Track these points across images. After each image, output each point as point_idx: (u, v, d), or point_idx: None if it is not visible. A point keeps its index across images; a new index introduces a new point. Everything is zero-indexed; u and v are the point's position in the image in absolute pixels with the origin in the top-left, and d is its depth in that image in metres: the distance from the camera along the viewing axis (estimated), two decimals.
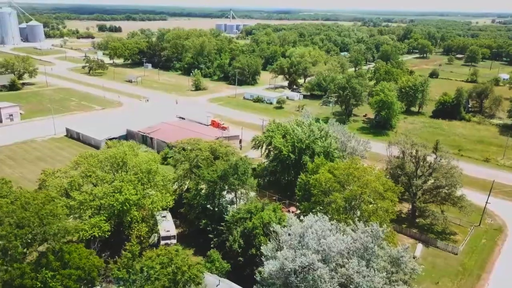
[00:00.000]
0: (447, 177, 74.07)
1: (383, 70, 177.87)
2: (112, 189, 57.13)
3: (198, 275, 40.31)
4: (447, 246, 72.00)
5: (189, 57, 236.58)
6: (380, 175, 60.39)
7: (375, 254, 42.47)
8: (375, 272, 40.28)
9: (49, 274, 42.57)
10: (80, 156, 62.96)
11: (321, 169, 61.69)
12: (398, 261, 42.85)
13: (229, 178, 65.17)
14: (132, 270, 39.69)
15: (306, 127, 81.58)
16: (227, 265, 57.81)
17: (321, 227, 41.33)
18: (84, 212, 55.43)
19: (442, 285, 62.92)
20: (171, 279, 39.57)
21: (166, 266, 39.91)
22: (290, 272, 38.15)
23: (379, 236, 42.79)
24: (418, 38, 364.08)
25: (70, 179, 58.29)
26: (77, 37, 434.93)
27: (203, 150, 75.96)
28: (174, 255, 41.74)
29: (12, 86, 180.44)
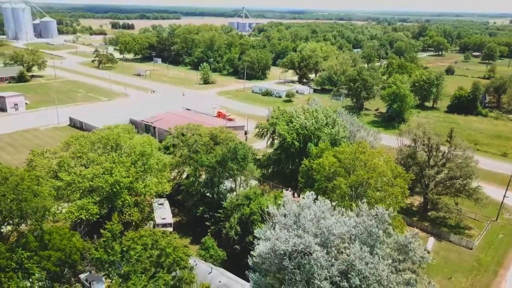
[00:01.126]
0: (461, 167, 69.26)
1: (396, 64, 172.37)
2: (103, 170, 53.99)
3: (183, 258, 36.73)
4: (461, 240, 67.25)
5: (199, 52, 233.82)
6: (389, 159, 56.02)
7: (380, 239, 38.21)
8: (380, 259, 36.13)
9: (25, 254, 39.42)
10: (71, 136, 60.02)
11: (325, 153, 57.58)
12: (406, 248, 38.50)
13: (227, 163, 61.57)
14: (111, 251, 36.29)
15: (310, 113, 77.40)
16: (223, 253, 54.21)
17: (320, 208, 37.32)
18: (72, 193, 52.37)
19: (456, 281, 58.33)
20: (153, 261, 36.07)
21: (149, 248, 36.43)
22: (283, 255, 34.21)
23: (385, 220, 38.52)
24: (434, 36, 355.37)
25: (59, 159, 55.28)
26: (90, 33, 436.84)
27: (203, 135, 72.53)
28: (159, 237, 38.24)
29: (20, 78, 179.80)
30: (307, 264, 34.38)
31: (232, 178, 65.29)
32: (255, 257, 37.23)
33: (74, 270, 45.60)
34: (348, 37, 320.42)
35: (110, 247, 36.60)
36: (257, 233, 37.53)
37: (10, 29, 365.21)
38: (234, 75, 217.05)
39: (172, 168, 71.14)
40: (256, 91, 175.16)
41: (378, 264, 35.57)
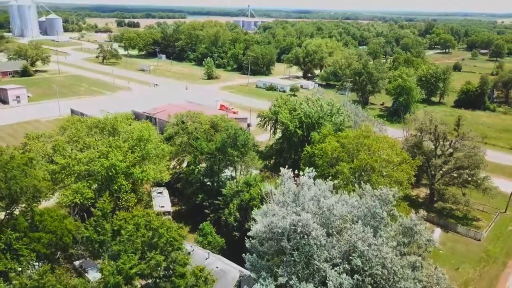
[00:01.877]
0: (469, 155, 67.05)
1: (402, 59, 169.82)
2: (98, 154, 52.49)
3: (177, 238, 35.01)
4: (469, 231, 65.11)
5: (203, 48, 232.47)
6: (394, 144, 54.00)
7: (384, 221, 36.33)
8: (384, 241, 34.23)
9: (14, 235, 37.95)
10: (67, 120, 58.64)
11: (328, 138, 55.67)
12: (411, 231, 36.55)
13: (227, 149, 59.82)
14: (101, 230, 34.69)
15: (314, 102, 75.48)
16: (221, 240, 52.57)
17: (320, 187, 35.52)
18: (66, 177, 50.88)
19: (463, 272, 56.25)
20: (146, 242, 34.39)
21: (141, 228, 34.76)
22: (281, 235, 32.41)
23: (389, 200, 36.65)
24: (441, 33, 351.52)
25: (54, 143, 53.84)
26: (95, 31, 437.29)
27: (203, 123, 70.89)
28: (152, 218, 36.58)
29: (24, 72, 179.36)
30: (306, 245, 32.59)
31: (232, 165, 63.55)
32: (252, 238, 35.57)
33: (67, 254, 44.17)
34: (353, 34, 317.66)
35: (100, 226, 35.01)
36: (254, 214, 35.83)
37: (16, 26, 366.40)
38: (238, 70, 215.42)
39: (172, 157, 69.64)
40: (260, 85, 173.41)
41: (382, 246, 33.70)
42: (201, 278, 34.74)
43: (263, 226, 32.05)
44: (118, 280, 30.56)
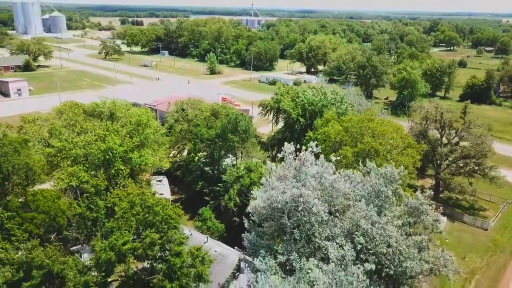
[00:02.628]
0: (476, 143, 65.32)
1: (407, 54, 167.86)
2: (95, 137, 51.23)
3: (173, 216, 33.68)
4: (476, 221, 63.46)
5: (206, 44, 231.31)
6: (398, 127, 52.45)
7: (389, 200, 34.89)
8: (388, 220, 32.77)
9: (6, 214, 36.66)
10: (64, 104, 57.44)
11: (331, 123, 54.17)
12: (417, 211, 35.09)
13: (228, 135, 58.42)
14: (94, 207, 33.38)
15: (318, 90, 73.97)
16: (221, 225, 51.21)
17: (323, 163, 34.07)
18: (62, 160, 49.63)
19: (470, 261, 54.60)
20: (140, 220, 33.05)
21: (136, 206, 33.42)
22: (281, 211, 30.98)
23: (395, 178, 35.20)
24: (445, 31, 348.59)
25: (50, 126, 52.63)
26: (99, 29, 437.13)
27: (203, 111, 69.60)
28: (148, 196, 35.26)
29: (26, 67, 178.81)
30: (307, 223, 31.15)
31: (233, 152, 62.15)
32: (251, 216, 34.18)
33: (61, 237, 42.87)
34: (357, 31, 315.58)
35: (93, 203, 33.70)
36: (254, 193, 34.43)
37: (20, 24, 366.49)
38: (241, 66, 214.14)
39: (172, 145, 68.36)
40: (263, 80, 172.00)
41: (386, 225, 32.23)
42: (198, 257, 33.37)
43: (262, 201, 30.65)
44: (110, 256, 29.25)
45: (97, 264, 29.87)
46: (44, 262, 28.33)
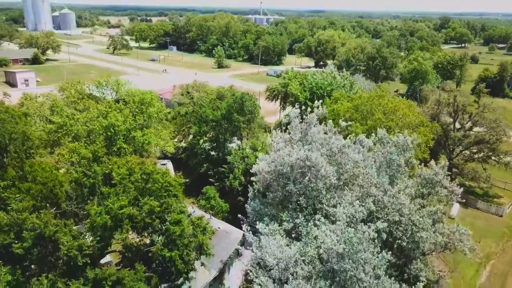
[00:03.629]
0: (491, 127, 62.99)
1: (417, 47, 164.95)
2: (97, 113, 49.96)
3: (173, 184, 32.09)
4: (490, 207, 61.15)
5: (214, 39, 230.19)
6: (411, 104, 50.41)
7: (402, 170, 32.98)
8: (401, 188, 30.85)
9: (2, 183, 35.33)
10: (67, 82, 56.31)
11: (340, 100, 52.30)
12: (432, 182, 33.10)
13: (233, 115, 56.80)
14: (91, 174, 31.91)
15: (327, 74, 72.06)
16: (225, 205, 49.60)
17: (331, 129, 32.27)
18: (63, 136, 48.40)
19: (485, 246, 52.35)
20: (139, 187, 31.48)
21: (134, 172, 31.89)
22: (287, 178, 29.20)
23: (408, 147, 33.27)
24: (456, 28, 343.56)
25: (52, 103, 51.48)
26: (108, 27, 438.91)
27: (209, 93, 68.12)
28: (148, 165, 33.71)
29: (35, 60, 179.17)
30: (313, 190, 29.35)
31: (239, 133, 60.48)
32: (255, 184, 32.52)
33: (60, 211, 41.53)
34: (367, 28, 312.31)
35: (91, 170, 32.23)
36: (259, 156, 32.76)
37: (30, 21, 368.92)
38: (249, 61, 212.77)
39: (177, 128, 66.96)
40: (271, 74, 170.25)
41: (399, 194, 30.30)
42: (199, 227, 31.73)
43: (267, 164, 28.92)
44: (105, 220, 27.73)
45: (92, 229, 28.38)
46: (36, 225, 26.92)
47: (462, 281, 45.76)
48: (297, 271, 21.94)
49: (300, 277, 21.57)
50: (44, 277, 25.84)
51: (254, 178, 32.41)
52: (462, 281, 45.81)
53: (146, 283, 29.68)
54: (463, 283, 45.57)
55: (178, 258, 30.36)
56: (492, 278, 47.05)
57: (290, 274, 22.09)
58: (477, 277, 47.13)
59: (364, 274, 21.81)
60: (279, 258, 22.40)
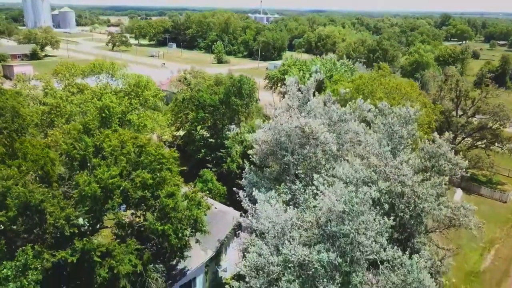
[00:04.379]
0: (495, 112, 61.77)
1: (418, 40, 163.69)
2: (91, 95, 48.83)
3: (166, 156, 30.84)
4: (494, 193, 59.96)
5: (214, 35, 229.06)
6: (413, 83, 49.20)
7: (404, 142, 31.76)
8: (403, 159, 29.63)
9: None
10: (61, 64, 55.15)
11: (341, 81, 51.09)
12: (435, 154, 31.89)
13: (231, 98, 55.62)
14: (81, 145, 30.68)
15: (327, 61, 70.88)
16: (223, 188, 48.39)
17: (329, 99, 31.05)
18: (56, 118, 47.25)
19: (489, 231, 50.95)
20: (131, 160, 30.19)
21: (127, 145, 30.62)
22: (285, 147, 28.01)
23: (410, 118, 32.05)
24: (457, 25, 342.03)
25: (45, 84, 50.34)
26: (108, 25, 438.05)
27: (207, 79, 66.94)
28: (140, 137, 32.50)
29: (33, 56, 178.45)
30: (312, 159, 28.14)
31: (237, 117, 59.25)
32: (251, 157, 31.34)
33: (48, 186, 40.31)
34: (367, 24, 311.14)
35: (81, 141, 30.99)
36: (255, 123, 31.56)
37: (30, 20, 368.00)
38: (248, 57, 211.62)
39: (174, 115, 65.74)
40: (271, 68, 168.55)
41: (401, 165, 29.08)
42: (193, 201, 30.52)
43: (263, 132, 27.72)
44: (94, 189, 26.46)
45: (80, 200, 27.12)
46: (21, 193, 25.72)
47: (466, 265, 44.56)
48: (293, 235, 20.72)
49: (297, 242, 20.35)
50: (30, 247, 24.62)
51: (250, 151, 31.24)
52: (465, 265, 44.60)
53: (138, 258, 28.50)
54: (466, 267, 44.35)
55: (171, 232, 29.14)
56: (497, 262, 45.84)
57: (286, 240, 20.88)
58: (481, 261, 45.92)
59: (365, 239, 20.59)
60: (275, 222, 21.21)
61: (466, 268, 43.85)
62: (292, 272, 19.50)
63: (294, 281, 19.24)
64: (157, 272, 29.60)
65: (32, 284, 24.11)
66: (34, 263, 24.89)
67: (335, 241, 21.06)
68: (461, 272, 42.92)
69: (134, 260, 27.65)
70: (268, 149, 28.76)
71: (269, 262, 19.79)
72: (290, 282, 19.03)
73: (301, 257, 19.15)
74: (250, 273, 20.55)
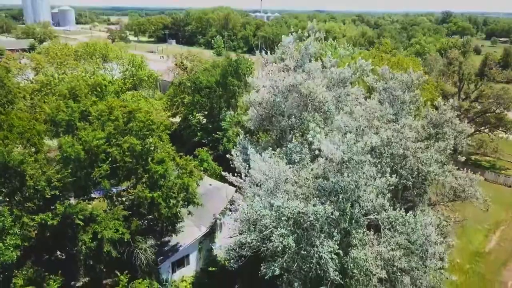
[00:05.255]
0: (499, 95, 60.18)
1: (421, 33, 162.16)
2: (83, 72, 47.36)
3: (156, 121, 29.29)
4: (498, 177, 58.33)
5: (214, 31, 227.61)
6: (414, 59, 47.67)
7: (406, 108, 30.20)
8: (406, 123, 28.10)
9: None
10: (53, 43, 53.77)
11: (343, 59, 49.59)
12: (440, 121, 30.31)
13: (228, 78, 54.09)
14: (66, 111, 29.19)
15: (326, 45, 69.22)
16: (219, 168, 46.78)
17: (329, 59, 29.51)
18: (46, 95, 45.72)
19: (494, 213, 49.27)
20: (119, 126, 28.64)
21: (115, 110, 29.12)
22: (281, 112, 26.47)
23: (413, 84, 30.50)
24: (458, 22, 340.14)
25: (36, 63, 48.90)
26: (107, 24, 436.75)
27: (203, 63, 65.45)
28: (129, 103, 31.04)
29: (31, 51, 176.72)
30: (310, 122, 26.58)
31: (234, 102, 57.64)
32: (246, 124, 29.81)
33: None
34: (368, 21, 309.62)
35: (67, 106, 29.51)
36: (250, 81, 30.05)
37: (29, 18, 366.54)
38: (248, 52, 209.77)
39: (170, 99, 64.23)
40: None
41: (403, 128, 27.54)
42: (185, 169, 29.02)
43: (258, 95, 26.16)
44: (77, 151, 24.93)
45: (63, 162, 25.60)
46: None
47: (470, 246, 42.97)
48: (288, 189, 19.17)
49: (292, 196, 18.80)
50: (7, 210, 23.12)
51: (244, 117, 29.71)
52: (470, 246, 43.02)
53: (126, 227, 26.97)
54: (471, 247, 42.76)
55: (161, 201, 27.66)
56: (503, 243, 44.25)
57: (280, 194, 19.31)
58: (486, 242, 44.33)
59: (366, 194, 19.04)
60: (268, 176, 19.66)
61: (470, 249, 42.27)
62: (286, 226, 17.96)
63: (288, 236, 17.69)
64: (145, 243, 28.02)
65: (10, 249, 22.59)
66: (13, 228, 23.37)
67: (333, 197, 19.52)
68: (465, 253, 41.36)
69: (121, 228, 26.12)
70: (264, 113, 27.22)
71: (261, 216, 18.24)
72: (283, 237, 17.49)
73: (296, 209, 17.60)
74: (241, 228, 19.02)
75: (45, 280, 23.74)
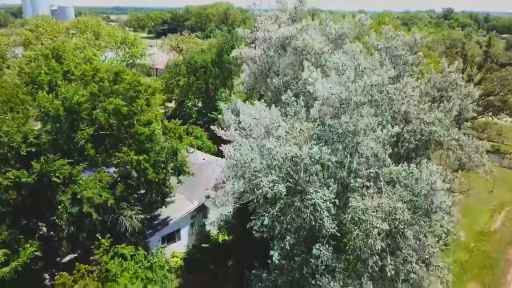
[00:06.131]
0: (502, 77, 58.52)
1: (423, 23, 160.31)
2: (73, 46, 45.64)
3: (143, 84, 27.57)
4: (503, 160, 56.71)
5: (213, 26, 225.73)
6: None
7: (409, 69, 28.52)
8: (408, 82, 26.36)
9: None
10: (43, 20, 52.15)
11: None
12: (444, 84, 28.65)
13: (224, 56, 52.43)
14: (48, 70, 27.53)
15: None
16: (214, 146, 45.17)
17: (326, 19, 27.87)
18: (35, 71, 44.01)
19: (498, 194, 47.96)
20: (104, 88, 26.94)
21: (100, 72, 27.46)
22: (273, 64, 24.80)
23: (416, 44, 28.82)
24: (459, 18, 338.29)
25: (24, 38, 47.27)
26: (107, 21, 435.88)
27: (199, 44, 63.81)
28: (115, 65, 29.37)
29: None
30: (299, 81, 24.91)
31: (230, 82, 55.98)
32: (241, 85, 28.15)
33: None
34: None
35: (49, 67, 27.86)
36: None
37: (28, 15, 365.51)
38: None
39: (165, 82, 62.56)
40: None
41: (406, 87, 25.83)
42: (173, 132, 27.37)
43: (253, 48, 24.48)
44: (57, 108, 23.27)
45: (42, 119, 23.96)
46: None
47: (475, 226, 41.27)
48: (280, 133, 17.49)
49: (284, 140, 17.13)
50: None
51: (238, 80, 28.01)
52: (475, 225, 41.31)
53: (111, 193, 25.30)
54: (476, 227, 41.07)
55: (148, 166, 25.96)
56: (508, 223, 42.55)
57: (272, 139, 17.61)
58: (491, 222, 42.64)
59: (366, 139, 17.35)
60: (258, 120, 17.99)
61: (475, 228, 40.57)
62: (278, 173, 16.29)
63: (279, 183, 16.00)
64: (132, 210, 26.31)
65: None
66: None
67: (330, 145, 17.83)
68: (470, 232, 39.59)
69: (105, 194, 24.43)
70: (257, 70, 25.54)
71: (250, 160, 16.55)
72: (274, 183, 15.80)
73: (289, 153, 15.93)
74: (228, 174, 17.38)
75: (21, 244, 22.09)
